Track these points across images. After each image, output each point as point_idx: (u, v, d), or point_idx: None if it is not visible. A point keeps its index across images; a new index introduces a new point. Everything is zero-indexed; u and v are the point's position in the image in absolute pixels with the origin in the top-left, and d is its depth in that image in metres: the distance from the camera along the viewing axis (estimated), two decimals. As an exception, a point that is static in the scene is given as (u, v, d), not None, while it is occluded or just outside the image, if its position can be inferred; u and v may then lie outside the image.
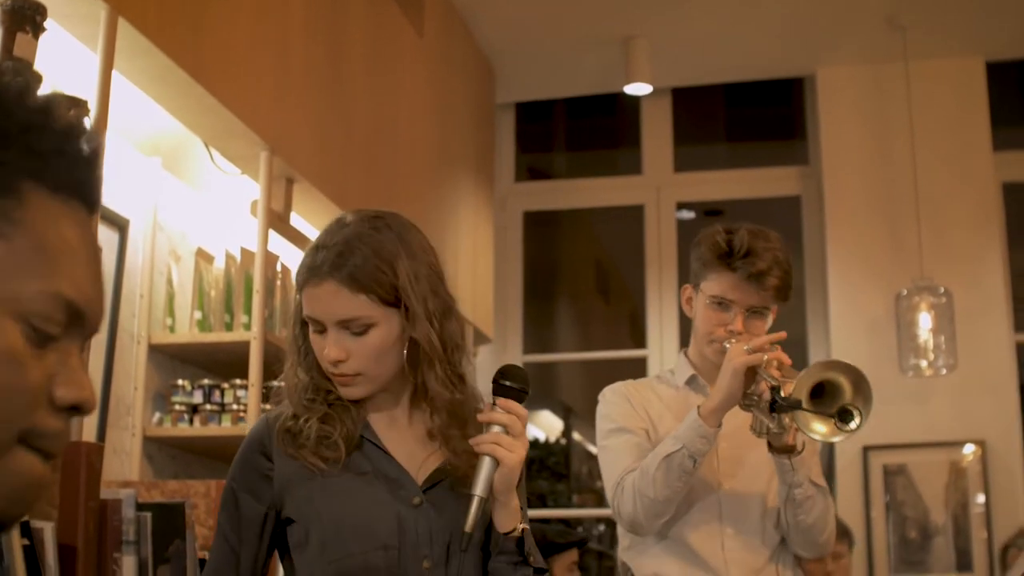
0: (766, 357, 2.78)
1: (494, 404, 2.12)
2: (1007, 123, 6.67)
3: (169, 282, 4.00)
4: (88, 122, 1.07)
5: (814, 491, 2.94)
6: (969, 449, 5.93)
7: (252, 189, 3.99)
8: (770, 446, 2.89)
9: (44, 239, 0.96)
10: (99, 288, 1.02)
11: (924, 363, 5.80)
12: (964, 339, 5.86)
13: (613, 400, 3.12)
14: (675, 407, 3.05)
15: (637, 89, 6.51)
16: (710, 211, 7.83)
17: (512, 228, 7.15)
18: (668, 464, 2.81)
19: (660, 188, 7.07)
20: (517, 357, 6.85)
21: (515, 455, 2.08)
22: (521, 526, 2.14)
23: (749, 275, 2.92)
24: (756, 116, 7.97)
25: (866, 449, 5.98)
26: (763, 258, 2.92)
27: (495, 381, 2.13)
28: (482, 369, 6.45)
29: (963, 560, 5.81)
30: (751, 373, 2.80)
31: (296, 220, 4.26)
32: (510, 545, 2.13)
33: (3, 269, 0.94)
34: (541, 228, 7.48)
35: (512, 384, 2.12)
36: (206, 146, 3.94)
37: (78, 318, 0.98)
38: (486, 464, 2.08)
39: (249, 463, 2.19)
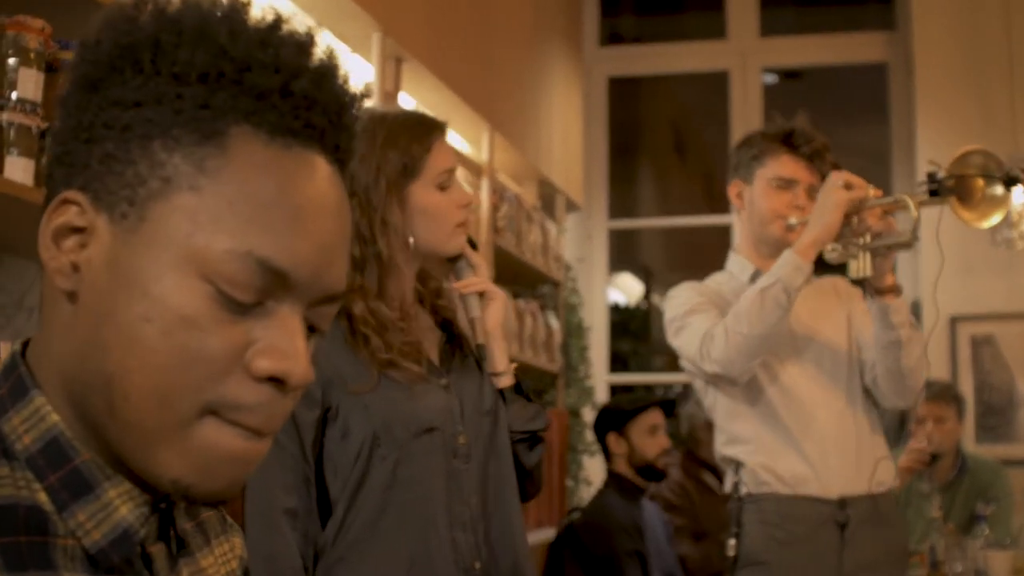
0: (871, 192, 2.91)
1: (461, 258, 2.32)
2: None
3: (283, 163, 4.05)
4: (342, 60, 0.95)
5: (913, 332, 3.00)
6: (1057, 320, 5.95)
7: (364, 70, 4.03)
8: (870, 290, 2.97)
9: (244, 191, 0.85)
10: (324, 247, 0.89)
11: (1016, 235, 5.78)
12: (1056, 211, 5.82)
13: (683, 294, 3.17)
14: None
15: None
16: (790, 74, 7.76)
17: (596, 94, 7.11)
18: (763, 298, 2.86)
19: (745, 54, 7.00)
20: (603, 223, 6.89)
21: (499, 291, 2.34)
22: (513, 365, 2.34)
23: (812, 153, 3.13)
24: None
25: (954, 320, 6.02)
26: (819, 139, 3.16)
27: None
28: (571, 237, 6.55)
29: (1048, 431, 5.88)
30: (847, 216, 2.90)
31: (403, 99, 4.30)
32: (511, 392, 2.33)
33: (192, 224, 0.85)
34: (623, 93, 7.43)
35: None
36: (318, 27, 3.97)
37: (282, 280, 0.86)
38: (473, 300, 2.31)
39: None
